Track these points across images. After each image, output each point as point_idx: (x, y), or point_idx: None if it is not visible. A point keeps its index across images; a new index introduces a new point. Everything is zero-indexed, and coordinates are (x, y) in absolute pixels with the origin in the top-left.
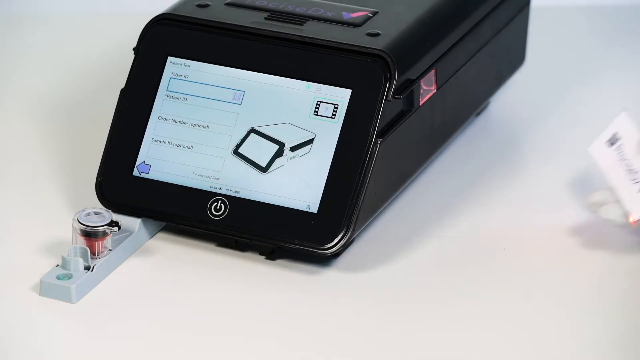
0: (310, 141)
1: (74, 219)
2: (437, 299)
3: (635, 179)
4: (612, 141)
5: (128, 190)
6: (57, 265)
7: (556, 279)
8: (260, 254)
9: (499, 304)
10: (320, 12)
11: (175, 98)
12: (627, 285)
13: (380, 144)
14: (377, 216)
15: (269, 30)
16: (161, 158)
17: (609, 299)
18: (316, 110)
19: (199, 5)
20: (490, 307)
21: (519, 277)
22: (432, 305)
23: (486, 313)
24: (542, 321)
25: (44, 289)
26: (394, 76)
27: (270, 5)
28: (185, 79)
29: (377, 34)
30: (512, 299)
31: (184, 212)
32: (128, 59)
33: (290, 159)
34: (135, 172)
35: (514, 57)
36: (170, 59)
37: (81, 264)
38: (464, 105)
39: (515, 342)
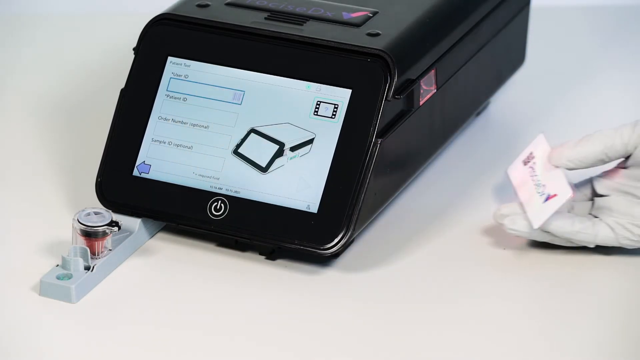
0: (310, 141)
1: (74, 219)
2: (437, 299)
3: (541, 192)
4: (527, 160)
5: (128, 190)
6: (57, 265)
7: (557, 279)
8: (260, 254)
9: (500, 304)
10: (320, 12)
11: (175, 98)
12: (629, 286)
13: (380, 144)
14: (377, 216)
15: (269, 30)
16: (161, 158)
17: (610, 300)
18: (316, 110)
19: (199, 5)
20: (491, 307)
21: (520, 278)
22: (432, 305)
23: (486, 313)
24: (544, 322)
25: (44, 289)
26: (394, 76)
27: (270, 5)
28: (185, 79)
29: (377, 34)
30: (513, 299)
31: (184, 212)
32: (128, 59)
33: (290, 159)
34: (135, 172)
35: (514, 57)
36: (170, 59)
37: (81, 264)
38: (464, 105)
39: (516, 343)
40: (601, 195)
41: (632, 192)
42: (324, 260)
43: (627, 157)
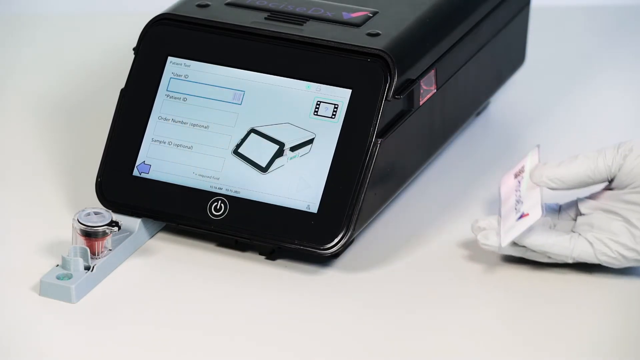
0: (310, 141)
1: (74, 219)
2: (438, 299)
3: (518, 209)
4: (518, 173)
5: (128, 190)
6: (57, 265)
7: (558, 280)
8: (260, 254)
9: (501, 304)
10: (320, 12)
11: (175, 98)
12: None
13: (380, 144)
14: (377, 216)
15: (269, 30)
16: (161, 158)
17: (610, 307)
18: (316, 110)
19: (199, 5)
20: (491, 309)
21: (521, 278)
22: (431, 305)
23: (487, 316)
24: (547, 325)
25: (44, 289)
26: (394, 76)
27: (270, 5)
28: (185, 79)
29: (377, 34)
30: (515, 301)
31: (184, 212)
32: (128, 59)
33: (290, 159)
34: (135, 172)
35: (514, 57)
36: (170, 59)
37: (81, 264)
38: (464, 105)
39: (517, 347)
40: (584, 215)
41: (615, 211)
42: (324, 260)
43: (612, 180)
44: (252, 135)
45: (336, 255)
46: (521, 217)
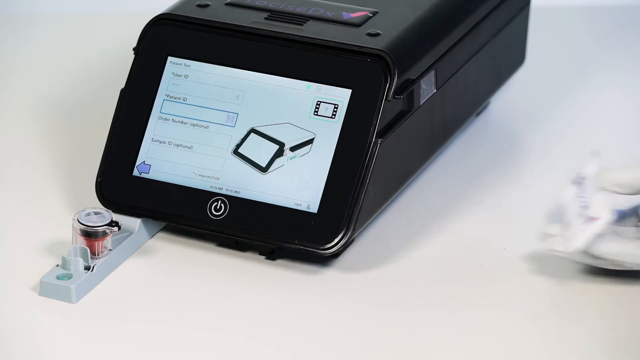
0: (310, 141)
1: (74, 219)
2: (437, 299)
3: (585, 214)
4: (579, 181)
5: (128, 190)
6: (57, 265)
7: (558, 281)
8: (260, 254)
9: (502, 304)
10: (320, 12)
11: (175, 98)
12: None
13: (380, 144)
14: (377, 216)
15: (269, 30)
16: (161, 158)
17: (605, 310)
18: (316, 110)
19: (199, 5)
20: (490, 311)
21: (520, 279)
22: (431, 306)
23: (487, 313)
24: (547, 328)
25: (44, 289)
26: (394, 76)
27: (270, 5)
28: (185, 79)
29: (377, 34)
30: (515, 302)
31: (184, 212)
32: (128, 59)
33: (290, 159)
34: (135, 172)
35: (514, 57)
36: (170, 59)
37: (81, 264)
38: (464, 105)
39: (521, 348)
40: None
41: None
42: (324, 260)
43: None
44: (252, 135)
45: (336, 255)
46: (589, 221)
